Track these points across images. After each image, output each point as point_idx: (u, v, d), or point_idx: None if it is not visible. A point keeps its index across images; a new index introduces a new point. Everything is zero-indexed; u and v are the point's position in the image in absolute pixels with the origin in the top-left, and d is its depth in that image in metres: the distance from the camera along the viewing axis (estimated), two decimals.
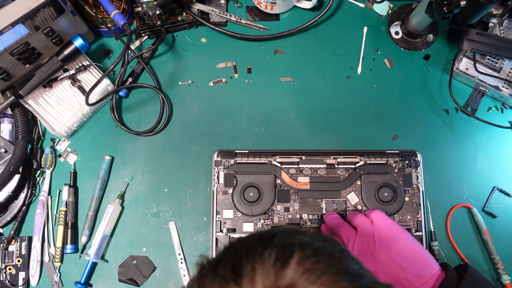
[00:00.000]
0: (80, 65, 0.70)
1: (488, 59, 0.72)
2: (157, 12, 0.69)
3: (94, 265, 0.68)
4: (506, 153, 0.73)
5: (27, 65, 0.66)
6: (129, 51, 0.72)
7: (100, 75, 0.69)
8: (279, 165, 0.68)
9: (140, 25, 0.72)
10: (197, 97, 0.73)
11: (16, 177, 0.67)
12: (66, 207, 0.68)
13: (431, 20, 0.67)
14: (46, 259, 0.68)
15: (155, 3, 0.70)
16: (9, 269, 0.67)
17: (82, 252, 0.68)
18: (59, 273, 0.68)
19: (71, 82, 0.70)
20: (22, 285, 0.67)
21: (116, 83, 0.72)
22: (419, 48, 0.75)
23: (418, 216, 0.68)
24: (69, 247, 0.67)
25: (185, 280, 0.67)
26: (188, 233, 0.69)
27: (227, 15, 0.75)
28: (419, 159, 0.69)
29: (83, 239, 0.68)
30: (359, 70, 0.75)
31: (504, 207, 0.71)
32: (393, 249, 0.57)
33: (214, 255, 0.65)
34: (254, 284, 0.31)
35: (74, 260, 0.68)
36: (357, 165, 0.69)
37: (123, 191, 0.70)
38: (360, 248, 0.59)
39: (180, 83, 0.74)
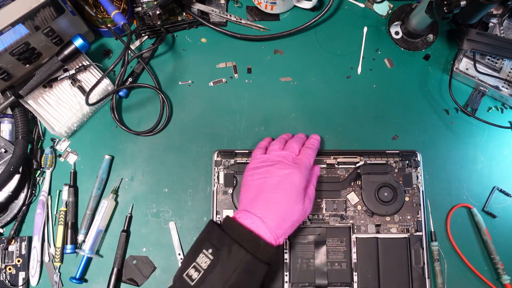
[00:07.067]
0: (80, 65, 0.70)
1: (488, 59, 0.72)
2: (157, 12, 0.69)
3: (91, 261, 0.68)
4: (506, 153, 0.73)
5: (27, 65, 0.66)
6: (129, 51, 0.72)
7: (100, 75, 0.69)
8: None
9: (140, 25, 0.72)
10: (197, 97, 0.73)
11: (16, 177, 0.67)
12: (66, 207, 0.68)
13: (431, 20, 0.67)
14: (46, 259, 0.68)
15: (155, 3, 0.70)
16: (9, 269, 0.67)
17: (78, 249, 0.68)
18: (59, 273, 0.68)
19: (71, 82, 0.70)
20: (22, 285, 0.67)
21: (116, 83, 0.72)
22: (419, 48, 0.75)
23: (418, 216, 0.68)
24: (69, 247, 0.67)
25: None
26: (188, 233, 0.69)
27: (227, 15, 0.75)
28: (419, 159, 0.69)
29: (79, 238, 0.68)
30: (359, 70, 0.75)
31: (504, 207, 0.71)
32: None
33: None
34: None
35: (74, 260, 0.68)
36: (357, 165, 0.69)
37: (117, 186, 0.70)
38: None
39: (180, 83, 0.74)
